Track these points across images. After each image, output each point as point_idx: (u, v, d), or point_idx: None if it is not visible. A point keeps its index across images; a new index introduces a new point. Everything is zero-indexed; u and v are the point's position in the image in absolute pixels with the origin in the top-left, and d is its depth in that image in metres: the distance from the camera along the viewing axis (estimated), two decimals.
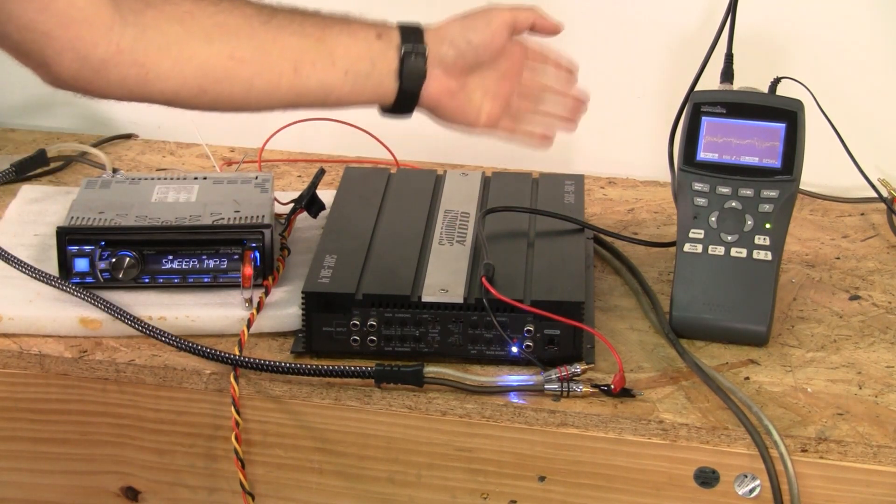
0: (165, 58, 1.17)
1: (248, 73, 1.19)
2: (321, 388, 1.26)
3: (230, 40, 1.19)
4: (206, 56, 1.18)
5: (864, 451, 1.18)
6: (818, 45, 1.65)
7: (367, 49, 1.23)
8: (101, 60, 1.14)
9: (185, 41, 1.17)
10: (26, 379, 1.31)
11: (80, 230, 1.35)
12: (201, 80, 1.18)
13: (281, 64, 1.20)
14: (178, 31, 1.17)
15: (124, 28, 1.14)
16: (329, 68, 1.21)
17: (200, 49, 1.18)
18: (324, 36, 1.21)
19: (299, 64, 1.20)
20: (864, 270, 1.48)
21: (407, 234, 1.39)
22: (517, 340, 1.27)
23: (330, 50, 1.21)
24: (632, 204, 1.64)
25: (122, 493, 1.34)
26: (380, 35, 1.24)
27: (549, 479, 1.24)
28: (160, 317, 1.33)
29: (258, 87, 1.20)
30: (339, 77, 1.22)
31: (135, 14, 1.15)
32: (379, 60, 1.23)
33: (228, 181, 1.48)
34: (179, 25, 1.17)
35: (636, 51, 1.71)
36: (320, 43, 1.21)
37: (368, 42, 1.23)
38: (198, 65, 1.18)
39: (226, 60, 1.18)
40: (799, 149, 1.32)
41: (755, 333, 1.31)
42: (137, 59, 1.15)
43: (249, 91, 1.20)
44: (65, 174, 1.70)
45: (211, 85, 1.19)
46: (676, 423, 1.21)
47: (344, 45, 1.22)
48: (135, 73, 1.16)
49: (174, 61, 1.17)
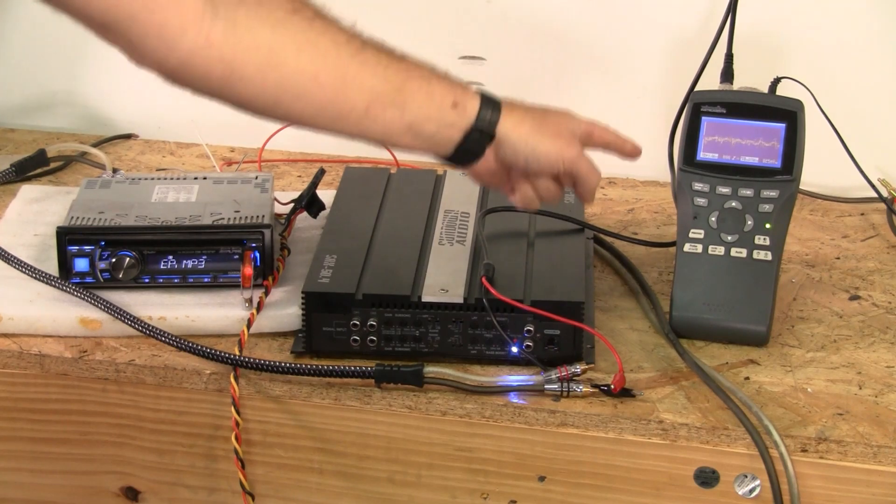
0: (252, 60, 1.13)
1: (324, 99, 1.17)
2: (321, 388, 1.26)
3: (317, 61, 1.16)
4: (292, 69, 1.15)
5: (864, 451, 1.18)
6: (818, 45, 1.66)
7: (438, 114, 1.21)
8: (189, 50, 1.11)
9: (275, 49, 1.14)
10: (26, 379, 1.31)
11: (80, 230, 1.35)
12: (280, 92, 1.16)
13: (355, 100, 1.18)
14: (270, 37, 1.14)
15: (215, 19, 1.11)
16: (396, 119, 1.19)
17: (288, 60, 1.15)
18: (403, 87, 1.19)
19: (371, 106, 1.18)
20: (864, 270, 1.48)
21: (407, 234, 1.39)
22: (517, 340, 1.27)
23: (403, 102, 1.19)
24: (632, 204, 1.64)
25: (122, 493, 1.34)
26: (456, 105, 1.21)
27: (549, 479, 1.24)
28: (160, 317, 1.33)
29: (328, 113, 1.18)
30: (402, 129, 1.20)
31: (227, 7, 1.12)
32: (445, 129, 1.21)
33: (228, 181, 1.48)
34: (271, 31, 1.14)
35: (636, 51, 1.71)
36: (397, 93, 1.19)
37: (442, 109, 1.21)
38: (281, 76, 1.15)
39: (308, 80, 1.16)
40: (799, 149, 1.32)
41: (755, 333, 1.31)
42: (225, 56, 1.12)
43: (318, 115, 1.18)
44: (65, 174, 1.70)
45: (287, 100, 1.16)
46: (676, 423, 1.21)
47: (418, 102, 1.20)
48: (220, 69, 1.12)
49: (259, 66, 1.14)
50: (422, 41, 1.77)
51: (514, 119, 1.23)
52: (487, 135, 1.22)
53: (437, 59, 1.74)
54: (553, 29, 1.72)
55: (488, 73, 1.75)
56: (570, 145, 1.25)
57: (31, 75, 1.86)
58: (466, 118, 1.21)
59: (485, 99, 1.22)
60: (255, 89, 1.15)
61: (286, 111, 1.18)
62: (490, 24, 1.74)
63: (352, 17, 1.77)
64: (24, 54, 1.85)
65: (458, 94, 1.21)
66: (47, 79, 1.86)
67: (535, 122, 1.24)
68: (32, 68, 1.85)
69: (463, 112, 1.21)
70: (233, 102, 1.17)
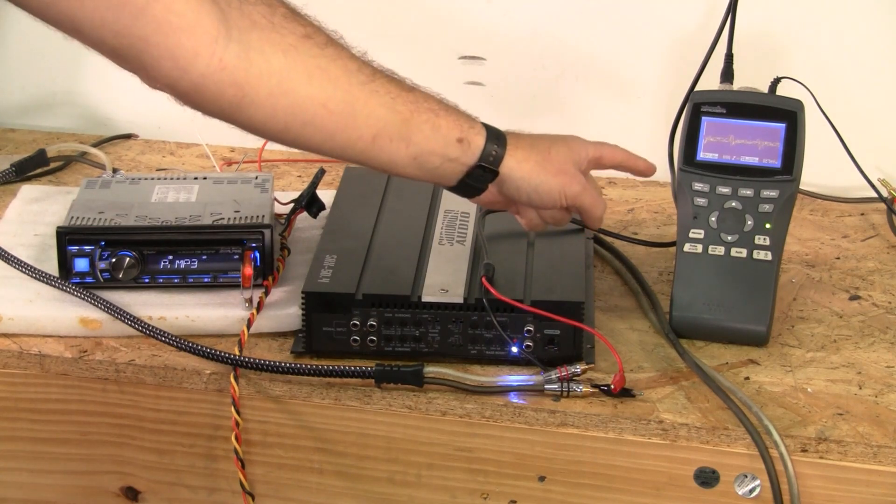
0: (264, 85, 1.14)
1: (333, 126, 1.18)
2: (321, 388, 1.26)
3: (327, 88, 1.16)
4: (303, 96, 1.16)
5: (864, 451, 1.18)
6: (818, 45, 1.66)
7: (443, 148, 1.22)
8: (202, 74, 1.11)
9: (286, 75, 1.14)
10: (26, 379, 1.31)
11: (80, 230, 1.35)
12: (290, 118, 1.16)
13: (363, 129, 1.19)
14: (282, 63, 1.14)
15: (228, 42, 1.11)
16: (402, 150, 1.20)
17: (299, 87, 1.15)
18: (410, 119, 1.20)
19: (378, 136, 1.19)
20: (864, 270, 1.48)
21: (407, 234, 1.39)
22: (517, 340, 1.27)
23: (410, 134, 1.20)
24: (632, 204, 1.64)
25: (122, 493, 1.34)
26: (461, 140, 1.22)
27: (549, 479, 1.24)
28: (160, 317, 1.33)
29: (336, 140, 1.19)
30: (407, 160, 1.21)
31: (240, 31, 1.12)
32: (449, 163, 1.23)
33: (228, 181, 1.48)
34: (283, 56, 1.14)
35: (636, 51, 1.71)
36: (404, 124, 1.20)
37: (447, 143, 1.22)
38: (292, 102, 1.16)
39: (318, 107, 1.16)
40: (799, 149, 1.32)
41: (755, 333, 1.31)
42: (237, 80, 1.12)
43: (326, 142, 1.19)
44: (65, 174, 1.70)
45: (297, 126, 1.17)
46: (676, 423, 1.21)
47: (424, 135, 1.21)
48: (232, 93, 1.13)
49: (270, 91, 1.14)
50: (422, 41, 1.78)
51: (518, 157, 1.24)
52: (491, 171, 1.24)
53: (437, 59, 1.76)
54: (553, 29, 1.72)
55: (488, 73, 1.75)
56: (574, 181, 1.27)
57: (31, 75, 1.86)
58: (471, 154, 1.23)
59: (490, 135, 1.24)
60: (265, 114, 1.16)
61: (295, 137, 1.19)
62: (490, 24, 1.74)
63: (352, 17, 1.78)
64: (24, 54, 1.85)
65: (464, 129, 1.23)
66: (47, 79, 1.86)
67: (539, 158, 1.26)
68: (32, 68, 1.85)
69: (468, 148, 1.22)
70: (243, 126, 1.18)
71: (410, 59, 1.76)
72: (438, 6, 1.74)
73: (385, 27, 1.76)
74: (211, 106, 1.14)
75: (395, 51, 1.76)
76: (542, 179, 1.25)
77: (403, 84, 1.22)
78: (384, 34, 1.76)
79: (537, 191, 1.26)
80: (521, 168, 1.25)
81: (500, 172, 1.24)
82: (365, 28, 1.76)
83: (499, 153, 1.23)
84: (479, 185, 1.25)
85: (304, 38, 1.16)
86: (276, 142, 1.21)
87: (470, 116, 1.25)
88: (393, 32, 1.76)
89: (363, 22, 1.77)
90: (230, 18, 1.11)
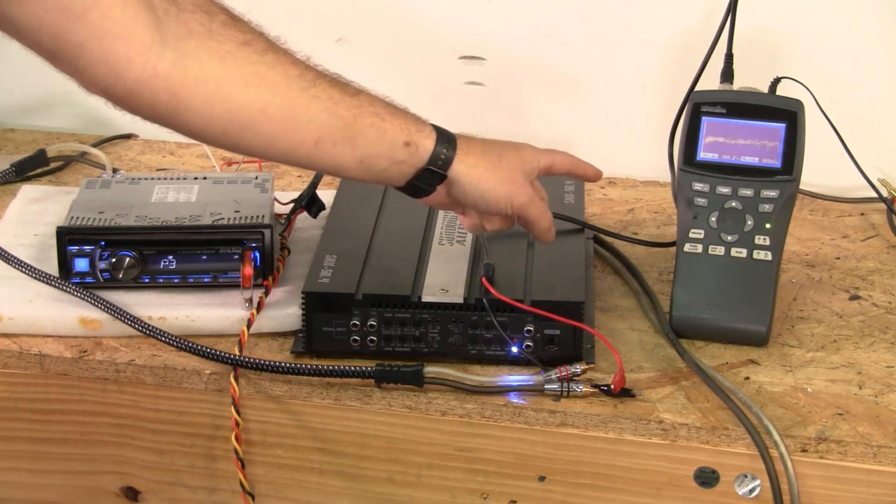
0: (199, 92, 1.14)
1: (272, 131, 1.18)
2: (321, 388, 1.26)
3: (265, 94, 1.17)
4: (239, 102, 1.16)
5: (864, 451, 1.18)
6: (818, 45, 1.66)
7: (389, 151, 1.22)
8: (135, 80, 1.12)
9: (222, 81, 1.15)
10: (26, 379, 1.31)
11: (80, 230, 1.35)
12: (227, 123, 1.17)
13: (304, 133, 1.19)
14: (217, 70, 1.15)
15: (163, 50, 1.12)
16: (347, 153, 1.21)
17: (235, 94, 1.16)
18: (354, 123, 1.20)
19: (321, 140, 1.19)
20: (864, 270, 1.48)
21: (407, 234, 1.39)
22: (517, 340, 1.27)
23: (353, 137, 1.20)
24: (632, 204, 1.64)
25: (122, 493, 1.34)
26: (408, 143, 1.22)
27: (549, 479, 1.24)
28: (160, 317, 1.33)
29: (277, 145, 1.19)
30: (353, 163, 1.21)
31: (176, 39, 1.13)
32: (396, 165, 1.23)
33: (228, 181, 1.48)
34: (220, 64, 1.15)
35: (636, 51, 1.71)
36: (347, 129, 1.20)
37: (393, 146, 1.22)
38: (228, 108, 1.16)
39: (255, 112, 1.17)
40: (799, 149, 1.32)
41: (755, 333, 1.31)
42: (172, 87, 1.13)
43: (268, 147, 1.20)
44: (65, 174, 1.70)
45: (235, 131, 1.18)
46: (676, 423, 1.21)
47: (369, 139, 1.21)
48: (167, 99, 1.14)
49: (206, 98, 1.15)
50: (422, 41, 1.78)
51: (468, 161, 1.24)
52: (439, 174, 1.24)
53: (437, 59, 1.76)
54: (553, 29, 1.72)
55: (488, 73, 1.75)
56: (521, 190, 1.26)
57: (31, 75, 1.86)
58: (419, 157, 1.23)
59: (440, 138, 1.24)
60: (202, 120, 1.16)
61: (234, 142, 1.19)
62: (490, 24, 1.74)
63: (352, 17, 1.78)
64: (24, 54, 1.84)
65: (411, 132, 1.22)
66: (47, 79, 1.84)
67: (489, 164, 1.25)
68: (32, 68, 1.84)
69: (415, 151, 1.22)
70: (181, 131, 1.18)
71: (410, 59, 1.77)
72: (438, 6, 1.74)
73: (385, 27, 1.76)
74: (147, 111, 1.15)
75: (395, 51, 1.77)
76: (489, 186, 1.25)
77: (348, 88, 1.22)
78: (385, 35, 1.77)
79: (484, 197, 1.25)
80: (469, 173, 1.24)
81: (448, 176, 1.24)
82: (365, 28, 1.77)
83: (448, 156, 1.23)
84: (427, 186, 1.25)
85: (242, 44, 1.16)
86: (218, 147, 1.21)
87: (419, 119, 1.24)
88: (393, 32, 1.76)
89: (363, 22, 1.77)
90: (166, 26, 1.12)
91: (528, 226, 1.29)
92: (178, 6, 1.14)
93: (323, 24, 1.76)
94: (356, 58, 1.73)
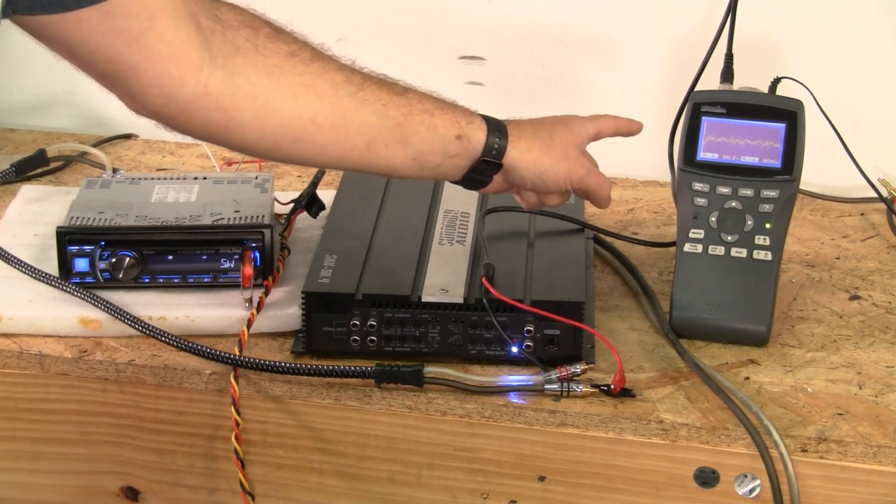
0: (250, 108, 1.15)
1: (324, 140, 1.19)
2: (321, 388, 1.26)
3: (314, 103, 1.18)
4: (289, 115, 1.17)
5: (864, 451, 1.18)
6: (818, 45, 1.66)
7: (442, 146, 1.22)
8: (187, 101, 1.13)
9: (272, 95, 1.16)
10: (26, 379, 1.31)
11: (80, 230, 1.35)
12: (279, 136, 1.18)
13: (356, 138, 1.20)
14: (266, 84, 1.16)
15: (213, 69, 1.13)
16: (399, 153, 1.21)
17: (285, 106, 1.17)
18: (404, 122, 1.21)
19: (373, 143, 1.20)
20: (864, 270, 1.48)
21: (407, 234, 1.39)
22: (517, 340, 1.27)
23: (405, 137, 1.21)
24: (632, 204, 1.64)
25: (122, 493, 1.34)
26: (460, 136, 1.23)
27: (549, 479, 1.24)
28: (160, 317, 1.33)
29: (330, 152, 1.20)
30: (407, 162, 1.22)
31: (224, 57, 1.14)
32: (450, 160, 1.23)
33: (228, 181, 1.48)
34: (268, 78, 1.16)
35: (636, 51, 1.71)
36: (398, 129, 1.21)
37: (446, 141, 1.22)
38: (279, 121, 1.17)
39: (307, 123, 1.18)
40: (799, 149, 1.32)
41: (755, 333, 1.31)
42: (223, 105, 1.14)
43: (320, 155, 1.21)
44: (65, 174, 1.70)
45: (287, 143, 1.18)
46: (676, 423, 1.21)
47: (421, 136, 1.21)
48: (218, 117, 1.15)
49: (257, 113, 1.16)
50: (422, 41, 1.78)
51: (521, 147, 1.25)
52: (495, 164, 1.24)
53: (437, 59, 1.76)
54: (553, 29, 1.72)
55: (488, 73, 1.75)
56: (578, 164, 1.28)
57: (31, 75, 1.86)
58: (472, 150, 1.24)
59: (491, 128, 1.25)
60: (253, 135, 1.17)
61: (287, 153, 1.20)
62: (490, 24, 1.74)
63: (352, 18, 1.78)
64: (24, 54, 1.85)
65: (462, 125, 1.23)
66: (47, 79, 1.86)
67: (542, 146, 1.27)
68: (32, 68, 1.85)
69: (468, 144, 1.23)
70: (233, 147, 1.20)
71: (410, 59, 1.77)
72: (438, 6, 1.74)
73: (385, 27, 1.76)
74: (198, 130, 1.16)
75: (395, 51, 1.77)
76: (546, 167, 1.26)
77: (395, 88, 1.22)
78: (384, 35, 1.77)
79: (542, 178, 1.27)
80: (524, 158, 1.25)
81: (504, 164, 1.25)
82: (365, 29, 1.77)
83: (501, 145, 1.24)
84: (484, 178, 1.26)
85: (288, 56, 1.17)
86: (269, 159, 1.22)
87: (469, 111, 1.25)
88: (393, 32, 1.76)
89: (363, 23, 1.77)
90: (214, 45, 1.13)
91: (588, 196, 1.31)
92: (223, 24, 1.15)
93: (323, 24, 1.75)
94: (356, 58, 1.73)
